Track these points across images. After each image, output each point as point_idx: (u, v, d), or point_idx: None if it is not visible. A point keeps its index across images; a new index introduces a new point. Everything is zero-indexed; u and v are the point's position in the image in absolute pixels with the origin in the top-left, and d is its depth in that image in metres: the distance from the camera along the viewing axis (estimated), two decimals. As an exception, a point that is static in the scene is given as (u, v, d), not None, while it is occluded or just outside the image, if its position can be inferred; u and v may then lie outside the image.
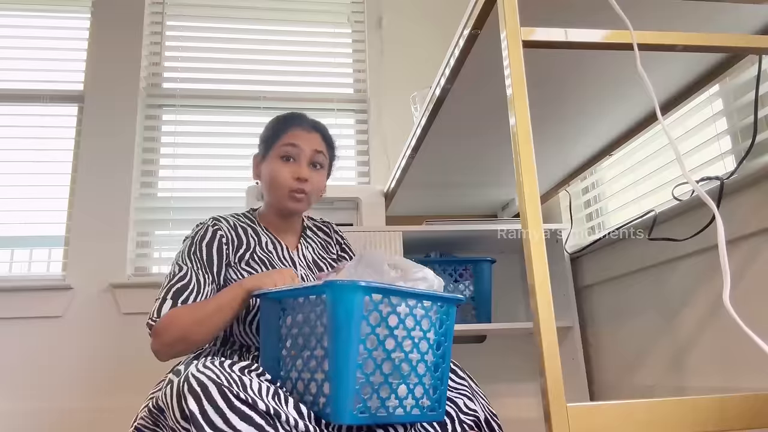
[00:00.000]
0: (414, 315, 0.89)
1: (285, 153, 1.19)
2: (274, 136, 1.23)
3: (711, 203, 0.80)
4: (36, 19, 2.44)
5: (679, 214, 1.40)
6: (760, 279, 1.18)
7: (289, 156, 1.20)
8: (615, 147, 1.56)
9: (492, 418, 1.06)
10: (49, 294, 2.04)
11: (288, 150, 1.19)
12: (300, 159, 1.20)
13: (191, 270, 1.11)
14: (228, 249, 1.16)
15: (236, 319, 1.11)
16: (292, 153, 1.20)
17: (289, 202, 1.20)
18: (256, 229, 1.24)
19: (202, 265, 1.12)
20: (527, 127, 0.80)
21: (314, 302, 0.89)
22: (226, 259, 1.15)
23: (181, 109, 2.39)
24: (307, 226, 1.34)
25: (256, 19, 2.54)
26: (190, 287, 1.09)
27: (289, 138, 1.20)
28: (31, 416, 1.93)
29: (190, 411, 0.77)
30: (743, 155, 1.21)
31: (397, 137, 2.30)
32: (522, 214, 0.79)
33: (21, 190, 2.22)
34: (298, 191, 1.19)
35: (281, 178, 1.19)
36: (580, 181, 1.97)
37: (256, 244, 1.21)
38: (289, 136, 1.21)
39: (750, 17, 1.06)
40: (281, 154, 1.20)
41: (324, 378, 0.84)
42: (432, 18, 2.56)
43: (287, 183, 1.19)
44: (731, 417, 0.73)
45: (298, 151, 1.20)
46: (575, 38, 0.88)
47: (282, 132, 1.22)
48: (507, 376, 2.08)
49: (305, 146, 1.20)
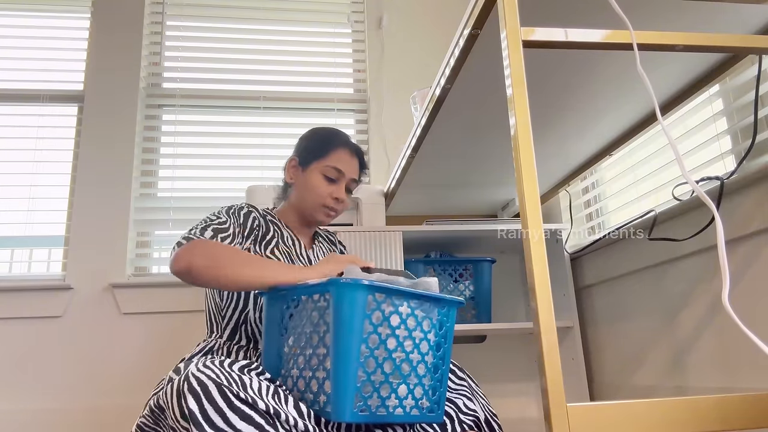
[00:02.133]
0: (415, 316, 0.90)
1: (330, 175, 1.27)
2: (320, 151, 1.29)
3: (710, 203, 0.80)
4: (36, 19, 2.43)
5: (679, 214, 1.40)
6: (760, 279, 1.18)
7: (333, 178, 1.28)
8: (615, 147, 1.56)
9: (492, 418, 1.06)
10: (49, 294, 2.04)
11: (333, 173, 1.27)
12: (341, 182, 1.29)
13: (231, 222, 1.17)
14: (257, 231, 1.22)
15: (254, 306, 1.15)
16: (335, 176, 1.28)
17: (321, 216, 1.29)
18: (278, 224, 1.30)
19: (239, 224, 1.18)
20: (527, 127, 0.80)
21: (318, 300, 0.90)
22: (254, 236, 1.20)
23: (181, 109, 2.39)
24: (318, 231, 1.42)
25: (256, 19, 2.54)
26: (230, 232, 1.14)
27: (335, 160, 1.28)
28: (31, 416, 1.93)
29: (189, 410, 0.77)
30: (743, 155, 1.21)
31: (397, 137, 2.30)
32: (522, 214, 0.79)
33: (21, 190, 2.22)
34: (332, 209, 1.28)
35: (321, 194, 1.27)
36: (580, 181, 1.97)
37: (279, 236, 1.26)
38: (336, 158, 1.28)
39: (750, 17, 1.06)
40: (325, 173, 1.27)
41: (325, 376, 0.85)
42: (432, 18, 2.56)
43: (324, 200, 1.27)
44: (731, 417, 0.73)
45: (341, 176, 1.28)
46: (575, 38, 0.88)
47: (329, 150, 1.28)
48: (507, 376, 2.08)
49: (348, 173, 1.29)
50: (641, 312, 1.60)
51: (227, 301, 1.18)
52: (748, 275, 1.21)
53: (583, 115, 1.39)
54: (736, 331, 0.75)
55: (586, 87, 1.26)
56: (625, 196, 1.75)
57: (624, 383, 1.68)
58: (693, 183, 0.80)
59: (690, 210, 1.36)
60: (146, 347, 2.04)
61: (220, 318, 1.18)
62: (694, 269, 1.39)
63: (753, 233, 1.20)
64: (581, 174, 1.76)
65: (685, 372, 1.42)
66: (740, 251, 1.23)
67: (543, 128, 1.44)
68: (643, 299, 1.59)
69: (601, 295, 1.81)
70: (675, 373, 1.45)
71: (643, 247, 1.55)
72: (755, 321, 1.19)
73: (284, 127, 2.43)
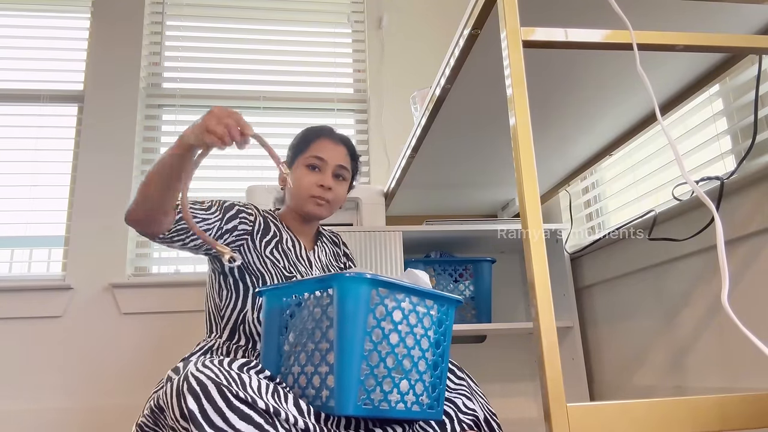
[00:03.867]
0: (417, 312, 0.92)
1: (311, 163, 1.27)
2: (302, 145, 1.29)
3: (710, 204, 0.80)
4: (36, 19, 2.43)
5: (679, 214, 1.40)
6: (760, 279, 1.18)
7: (315, 166, 1.27)
8: (615, 147, 1.56)
9: (491, 418, 1.06)
10: (49, 294, 2.04)
11: (314, 161, 1.26)
12: (325, 170, 1.27)
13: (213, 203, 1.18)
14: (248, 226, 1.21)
15: (252, 307, 1.16)
16: (317, 164, 1.27)
17: (311, 207, 1.27)
18: (278, 226, 1.29)
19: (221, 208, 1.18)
20: (527, 127, 0.80)
21: (320, 296, 0.90)
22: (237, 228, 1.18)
23: (181, 109, 2.39)
24: (321, 232, 1.41)
25: (256, 19, 2.54)
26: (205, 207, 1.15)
27: (316, 150, 1.27)
28: (31, 416, 1.93)
29: (189, 410, 0.77)
30: (743, 155, 1.21)
31: (397, 137, 2.30)
32: (522, 214, 0.79)
33: (21, 190, 2.22)
34: (320, 198, 1.26)
35: (305, 185, 1.26)
36: (580, 181, 1.97)
37: (279, 237, 1.26)
38: (317, 147, 1.28)
39: (750, 17, 1.06)
40: (307, 163, 1.27)
41: (328, 371, 0.85)
42: (432, 18, 2.56)
43: (310, 189, 1.25)
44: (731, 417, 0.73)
45: (324, 163, 1.27)
46: (575, 38, 0.88)
47: (310, 143, 1.29)
48: (507, 376, 2.08)
49: (331, 159, 1.27)
50: (641, 312, 1.60)
51: (226, 302, 1.18)
52: (747, 275, 1.21)
53: (583, 115, 1.39)
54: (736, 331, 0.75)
55: (586, 87, 1.26)
56: (625, 196, 1.75)
57: (624, 383, 1.68)
58: (692, 183, 0.80)
59: (690, 210, 1.36)
60: (146, 347, 2.04)
61: (219, 318, 1.18)
62: (694, 269, 1.39)
63: (753, 233, 1.20)
64: (581, 174, 1.76)
65: (685, 372, 1.41)
66: (740, 251, 1.23)
67: (543, 128, 1.44)
68: (643, 299, 1.59)
69: (601, 295, 1.81)
70: (675, 373, 1.45)
71: (643, 247, 1.55)
72: (755, 321, 1.19)
73: (284, 127, 2.43)
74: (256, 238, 1.21)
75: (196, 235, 1.10)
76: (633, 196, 1.70)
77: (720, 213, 1.21)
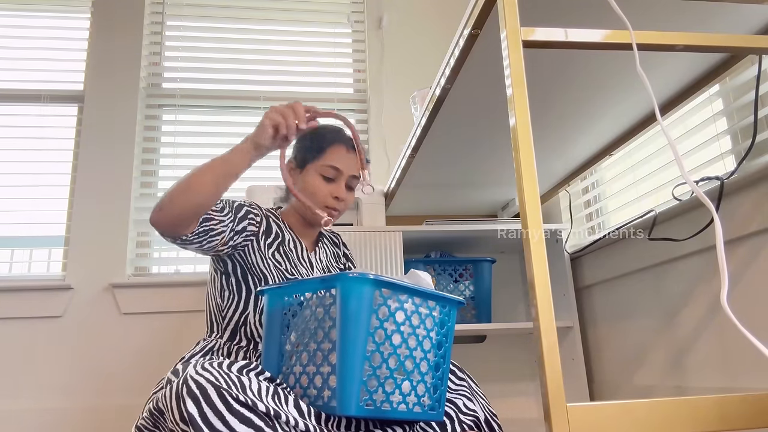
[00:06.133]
0: (419, 313, 0.92)
1: (327, 174, 1.25)
2: (315, 150, 1.26)
3: (709, 204, 0.79)
4: (36, 19, 2.43)
5: (679, 214, 1.40)
6: (760, 279, 1.18)
7: (330, 177, 1.25)
8: (615, 147, 1.56)
9: (492, 418, 1.06)
10: (49, 294, 2.04)
11: (330, 172, 1.25)
12: (339, 180, 1.26)
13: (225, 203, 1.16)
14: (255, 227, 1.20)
15: (254, 309, 1.15)
16: (332, 175, 1.25)
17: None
18: (281, 226, 1.28)
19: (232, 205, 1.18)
20: (527, 127, 0.80)
21: (322, 296, 0.90)
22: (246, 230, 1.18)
23: (181, 109, 2.39)
24: (322, 233, 1.40)
25: (256, 19, 2.54)
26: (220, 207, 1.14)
27: (331, 158, 1.25)
28: (31, 416, 1.93)
29: (189, 414, 0.77)
30: (743, 155, 1.21)
31: (397, 137, 2.30)
32: (522, 214, 0.79)
33: (21, 190, 2.22)
34: (333, 209, 1.25)
35: (321, 195, 1.24)
36: (580, 181, 1.97)
37: (282, 239, 1.25)
38: (331, 156, 1.25)
39: (750, 17, 1.06)
40: (322, 173, 1.25)
41: (330, 371, 0.85)
42: (432, 18, 2.56)
43: (325, 200, 1.24)
44: (731, 417, 0.73)
45: (339, 174, 1.25)
46: (575, 38, 0.87)
47: (325, 148, 1.26)
48: (507, 376, 2.08)
49: (346, 169, 1.26)
50: (641, 312, 1.60)
51: (228, 302, 1.18)
52: (747, 275, 1.21)
53: (583, 115, 1.39)
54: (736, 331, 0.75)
55: (586, 87, 1.26)
56: (625, 196, 1.75)
57: (624, 383, 1.68)
58: (692, 183, 0.80)
59: (690, 210, 1.36)
60: (146, 347, 2.04)
61: (221, 318, 1.18)
62: (694, 269, 1.39)
63: (753, 233, 1.20)
64: (581, 174, 1.76)
65: (685, 372, 1.41)
66: (740, 251, 1.23)
67: (543, 128, 1.44)
68: (643, 299, 1.59)
69: (601, 295, 1.81)
70: (675, 373, 1.45)
71: (643, 247, 1.55)
72: (755, 321, 1.19)
73: (284, 127, 2.43)
74: (260, 240, 1.21)
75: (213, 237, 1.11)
76: (633, 196, 1.70)
77: (720, 213, 1.21)
